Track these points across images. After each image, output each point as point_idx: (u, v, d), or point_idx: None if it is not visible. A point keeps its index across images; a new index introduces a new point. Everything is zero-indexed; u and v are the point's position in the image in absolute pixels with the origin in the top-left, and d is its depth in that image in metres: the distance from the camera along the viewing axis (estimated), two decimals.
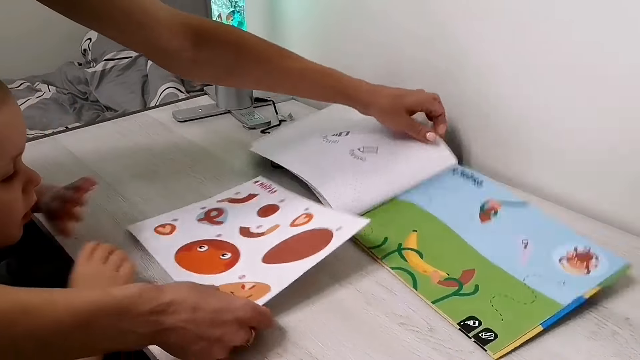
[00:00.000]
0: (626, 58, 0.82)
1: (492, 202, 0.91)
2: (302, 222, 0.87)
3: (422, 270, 0.80)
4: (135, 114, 1.38)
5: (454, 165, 1.00)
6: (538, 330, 0.69)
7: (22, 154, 0.68)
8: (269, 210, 0.93)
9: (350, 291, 0.78)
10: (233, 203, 0.97)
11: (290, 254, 0.80)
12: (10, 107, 0.65)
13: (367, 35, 1.19)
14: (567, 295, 0.73)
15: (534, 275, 0.77)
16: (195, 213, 0.94)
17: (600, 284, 0.74)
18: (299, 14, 1.35)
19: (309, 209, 0.90)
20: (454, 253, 0.83)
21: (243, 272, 0.80)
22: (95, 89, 1.90)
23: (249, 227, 0.90)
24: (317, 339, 0.70)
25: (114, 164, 1.11)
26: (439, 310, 0.73)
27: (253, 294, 0.75)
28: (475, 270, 0.79)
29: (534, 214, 0.88)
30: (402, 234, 0.87)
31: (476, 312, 0.72)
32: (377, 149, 1.02)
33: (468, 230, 0.86)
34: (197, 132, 1.25)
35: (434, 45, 1.07)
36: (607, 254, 0.78)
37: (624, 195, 0.88)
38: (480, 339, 0.69)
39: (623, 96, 0.84)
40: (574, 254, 0.79)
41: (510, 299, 0.74)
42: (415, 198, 0.94)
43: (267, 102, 1.37)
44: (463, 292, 0.76)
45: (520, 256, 0.81)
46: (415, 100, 1.01)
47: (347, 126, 1.09)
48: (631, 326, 0.71)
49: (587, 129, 0.90)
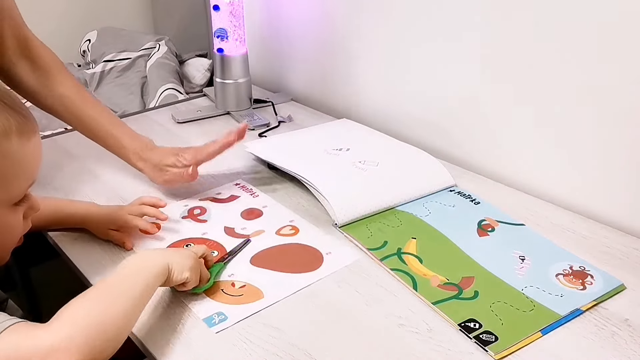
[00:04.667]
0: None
1: (490, 219, 0.92)
2: (288, 233, 0.90)
3: (421, 274, 0.80)
4: (135, 115, 1.39)
5: (452, 185, 1.02)
6: (537, 337, 0.70)
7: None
8: (252, 213, 0.96)
9: (349, 292, 0.78)
10: (215, 202, 0.99)
11: (280, 263, 0.83)
12: (37, 137, 0.69)
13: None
14: (565, 307, 0.74)
15: (532, 287, 0.78)
16: (178, 210, 0.97)
17: (597, 300, 0.75)
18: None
19: (293, 221, 0.93)
20: (453, 261, 0.83)
21: (232, 271, 0.82)
22: (94, 90, 1.90)
23: (234, 228, 0.92)
24: (317, 340, 0.70)
25: (113, 165, 1.10)
26: (439, 311, 0.74)
27: (244, 294, 0.77)
28: (474, 278, 0.80)
29: (531, 234, 0.89)
30: (402, 240, 0.88)
31: (476, 315, 0.73)
32: (378, 163, 1.03)
33: (466, 242, 0.87)
34: (196, 133, 1.25)
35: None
36: (601, 273, 0.80)
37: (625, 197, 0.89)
38: (481, 340, 0.69)
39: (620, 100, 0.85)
40: (570, 271, 0.81)
41: (509, 306, 0.74)
42: (414, 210, 0.95)
43: (267, 104, 1.37)
44: (463, 297, 0.76)
45: (517, 269, 0.82)
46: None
47: (348, 143, 1.11)
48: (630, 327, 0.71)
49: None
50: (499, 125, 1.04)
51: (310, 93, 1.41)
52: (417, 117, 1.17)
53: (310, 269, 0.82)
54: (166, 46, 1.94)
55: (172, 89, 1.78)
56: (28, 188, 0.69)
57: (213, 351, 0.69)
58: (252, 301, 0.76)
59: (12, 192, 0.66)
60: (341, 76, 1.31)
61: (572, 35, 0.89)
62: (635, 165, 0.87)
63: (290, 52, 1.43)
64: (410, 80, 1.16)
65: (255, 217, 0.95)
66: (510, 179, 1.03)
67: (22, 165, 0.66)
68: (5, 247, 0.71)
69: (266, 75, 1.53)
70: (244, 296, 0.77)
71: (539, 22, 0.92)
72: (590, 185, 0.93)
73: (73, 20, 2.19)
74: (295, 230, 0.91)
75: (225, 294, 0.77)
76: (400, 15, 1.13)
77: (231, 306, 0.75)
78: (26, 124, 0.66)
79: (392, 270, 0.81)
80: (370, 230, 0.90)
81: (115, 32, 2.04)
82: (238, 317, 0.73)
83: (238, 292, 0.77)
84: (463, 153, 1.11)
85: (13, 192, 0.67)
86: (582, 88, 0.90)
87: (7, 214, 0.67)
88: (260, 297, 0.77)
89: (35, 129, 0.68)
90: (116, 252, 0.87)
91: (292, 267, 0.82)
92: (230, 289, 0.78)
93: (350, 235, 0.89)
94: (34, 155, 0.68)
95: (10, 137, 0.64)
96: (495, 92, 1.02)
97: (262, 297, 0.77)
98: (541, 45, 0.93)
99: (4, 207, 0.66)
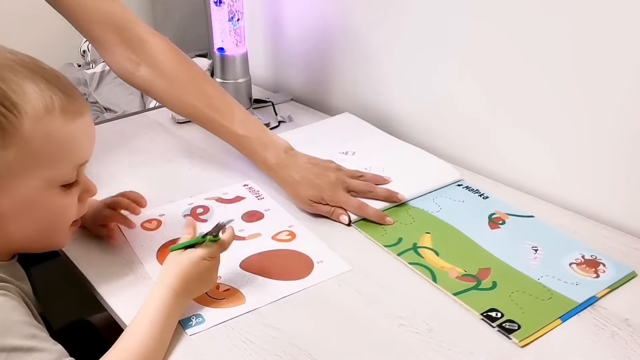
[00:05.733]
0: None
1: (499, 213, 0.94)
2: (284, 238, 0.90)
3: (439, 267, 0.82)
4: (135, 115, 1.38)
5: (458, 180, 1.03)
6: (557, 324, 0.72)
7: (87, 163, 0.71)
8: (254, 216, 0.95)
9: (349, 292, 0.78)
10: (220, 202, 0.99)
11: (268, 269, 0.83)
12: (85, 119, 0.68)
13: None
14: (581, 295, 0.76)
15: (547, 276, 0.80)
16: (182, 208, 0.96)
17: (610, 287, 0.77)
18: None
19: (292, 226, 0.92)
20: (468, 253, 0.85)
21: (220, 273, 0.80)
22: (94, 90, 1.90)
23: None
24: (316, 340, 0.70)
25: (113, 165, 1.11)
26: (460, 302, 0.75)
27: (226, 298, 0.77)
28: (490, 269, 0.81)
29: (540, 225, 0.91)
30: (416, 235, 0.89)
31: (497, 305, 0.74)
32: (383, 169, 1.04)
33: (479, 235, 0.89)
34: (196, 133, 1.25)
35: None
36: (612, 261, 0.82)
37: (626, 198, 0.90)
38: (504, 328, 0.71)
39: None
40: (582, 260, 0.83)
41: (527, 295, 0.76)
42: (425, 206, 0.97)
43: (267, 104, 1.37)
44: (482, 287, 0.78)
45: (531, 260, 0.83)
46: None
47: (353, 145, 1.13)
48: (630, 327, 0.71)
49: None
50: (498, 125, 1.04)
51: (310, 93, 1.41)
52: (417, 118, 1.17)
53: (299, 277, 0.81)
54: None
55: None
56: (78, 170, 0.69)
57: (213, 351, 0.69)
58: (233, 306, 0.75)
59: (58, 172, 0.66)
60: (341, 76, 1.32)
61: (573, 35, 0.89)
62: (636, 165, 0.87)
63: (290, 52, 1.43)
64: (410, 80, 1.16)
65: (255, 219, 0.94)
66: (510, 179, 1.04)
67: (67, 146, 0.66)
68: (58, 231, 0.71)
69: (266, 75, 1.53)
70: (226, 300, 0.76)
71: (539, 23, 0.92)
72: (591, 185, 0.94)
73: None
74: (292, 235, 0.90)
75: (207, 296, 0.77)
76: (400, 15, 1.13)
77: (211, 309, 0.75)
78: (72, 104, 0.66)
79: (410, 264, 0.83)
80: (384, 228, 0.91)
81: None
82: (215, 321, 0.73)
83: (220, 296, 0.77)
84: (463, 153, 1.11)
85: (60, 172, 0.66)
86: (581, 88, 0.90)
87: (56, 195, 0.67)
88: (242, 302, 0.76)
89: (82, 109, 0.67)
90: (116, 252, 0.87)
91: (280, 274, 0.82)
92: (213, 291, 0.78)
93: (365, 233, 0.90)
94: (81, 135, 0.68)
95: (53, 114, 0.64)
96: (496, 91, 1.03)
97: (243, 302, 0.76)
98: (542, 45, 0.93)
99: (53, 188, 0.67)
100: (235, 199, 1.00)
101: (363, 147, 1.12)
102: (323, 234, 0.90)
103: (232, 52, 1.30)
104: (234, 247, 0.84)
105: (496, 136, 1.05)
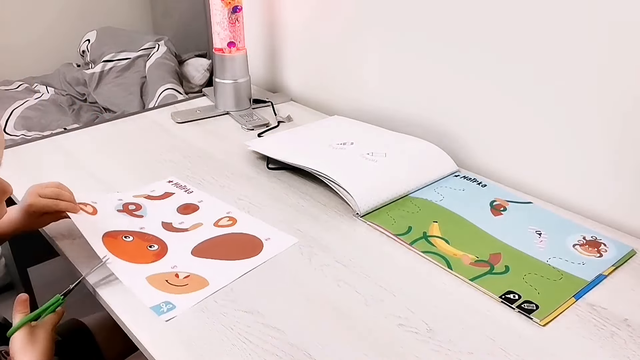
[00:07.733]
0: None
1: (500, 200, 0.98)
2: (226, 224, 0.92)
3: (452, 254, 0.85)
4: (134, 115, 1.38)
5: (456, 170, 1.06)
6: (572, 302, 0.75)
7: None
8: (189, 208, 0.97)
9: (349, 292, 0.78)
10: (149, 199, 0.99)
11: (221, 252, 0.85)
12: None
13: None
14: (590, 273, 0.80)
15: (555, 257, 0.83)
16: (113, 204, 0.95)
17: (615, 265, 0.82)
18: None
19: (230, 212, 0.95)
20: (477, 240, 0.88)
21: (174, 263, 0.83)
22: (93, 90, 1.90)
23: (171, 222, 0.93)
24: (316, 341, 0.70)
25: (113, 166, 1.11)
26: (478, 286, 0.78)
27: (189, 284, 0.78)
28: (501, 254, 0.84)
29: (540, 210, 0.95)
30: (424, 224, 0.92)
31: (513, 287, 0.78)
32: (385, 154, 1.05)
33: (484, 222, 0.92)
34: (195, 134, 1.25)
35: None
36: (612, 241, 0.87)
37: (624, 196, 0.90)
38: (524, 309, 0.74)
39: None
40: (584, 241, 0.87)
41: (540, 276, 0.80)
42: (428, 195, 0.99)
43: (266, 104, 1.37)
44: (496, 272, 0.81)
45: (537, 243, 0.87)
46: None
47: (350, 137, 1.13)
48: (630, 327, 0.71)
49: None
50: (498, 125, 1.05)
51: (310, 93, 1.41)
52: (417, 118, 1.17)
53: (252, 254, 0.84)
54: (165, 46, 1.94)
55: (171, 89, 1.78)
56: None
57: (213, 351, 0.69)
58: (198, 289, 0.77)
59: None
60: (341, 76, 1.32)
61: (576, 35, 0.89)
62: (636, 165, 0.87)
63: (289, 52, 1.43)
64: (410, 80, 1.16)
65: (191, 211, 0.96)
66: (510, 179, 1.04)
67: None
68: None
69: (266, 75, 1.53)
70: (189, 285, 0.78)
71: (542, 24, 0.92)
72: (591, 185, 0.94)
73: (72, 21, 2.19)
74: (233, 221, 0.93)
75: (170, 284, 0.78)
76: (400, 15, 1.13)
77: (178, 295, 0.76)
78: None
79: (423, 253, 0.85)
80: (392, 218, 0.93)
81: (115, 32, 2.04)
82: (186, 306, 0.74)
83: (183, 282, 0.79)
84: (462, 153, 1.11)
85: None
86: (585, 89, 0.91)
87: None
88: (206, 284, 0.78)
89: None
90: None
91: (233, 254, 0.84)
92: (174, 279, 0.79)
93: (375, 224, 0.92)
94: None
95: None
96: (495, 92, 1.03)
97: (207, 285, 0.78)
98: (541, 45, 0.93)
99: None
100: (164, 195, 1.01)
101: (361, 139, 1.13)
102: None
103: (231, 52, 1.30)
104: (181, 238, 0.88)
105: (488, 134, 1.06)
